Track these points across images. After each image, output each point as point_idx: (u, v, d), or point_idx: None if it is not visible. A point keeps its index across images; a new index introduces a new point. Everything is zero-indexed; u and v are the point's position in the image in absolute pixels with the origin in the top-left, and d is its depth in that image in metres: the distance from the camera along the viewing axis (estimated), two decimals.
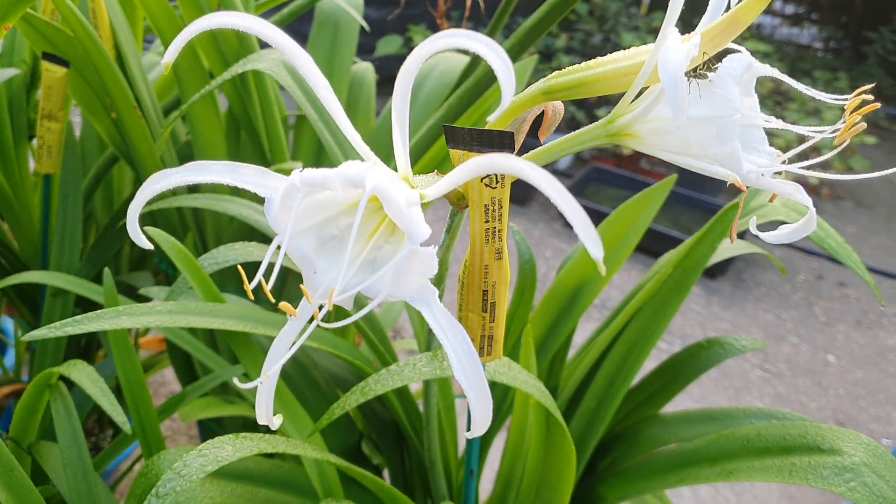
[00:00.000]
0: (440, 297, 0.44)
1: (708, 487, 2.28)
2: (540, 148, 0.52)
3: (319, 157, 1.38)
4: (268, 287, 0.37)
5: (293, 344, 0.42)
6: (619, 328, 0.92)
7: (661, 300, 0.90)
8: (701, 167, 0.45)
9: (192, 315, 0.70)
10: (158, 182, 0.41)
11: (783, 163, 0.45)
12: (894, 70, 6.77)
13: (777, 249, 3.86)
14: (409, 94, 0.40)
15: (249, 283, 0.37)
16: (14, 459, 0.80)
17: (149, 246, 0.45)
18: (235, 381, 0.46)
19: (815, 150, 3.75)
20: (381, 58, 4.81)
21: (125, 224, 1.28)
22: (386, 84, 1.51)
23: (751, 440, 0.82)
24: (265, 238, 1.21)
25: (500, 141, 0.49)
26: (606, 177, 4.11)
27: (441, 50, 0.36)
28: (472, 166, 0.37)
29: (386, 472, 1.03)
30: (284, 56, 0.91)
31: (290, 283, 1.32)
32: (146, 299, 1.59)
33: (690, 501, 2.24)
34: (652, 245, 2.70)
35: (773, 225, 0.63)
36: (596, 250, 0.33)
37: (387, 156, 1.37)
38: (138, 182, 1.34)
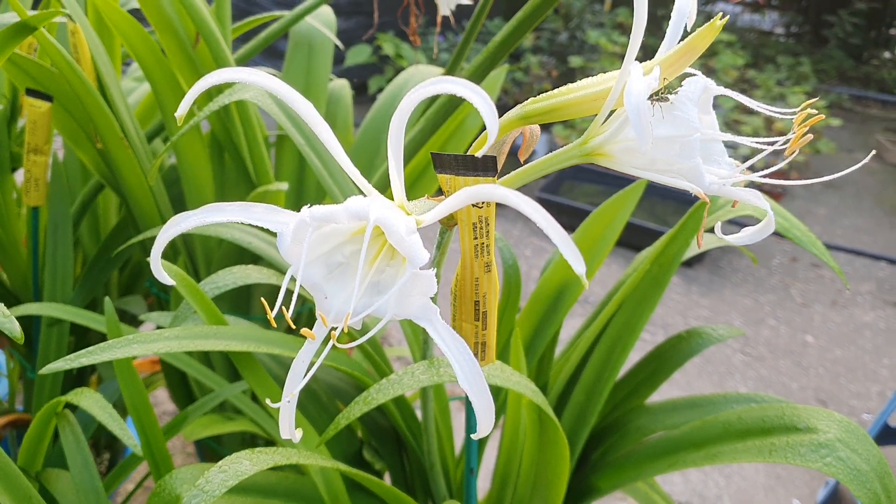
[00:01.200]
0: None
1: (698, 473, 2.34)
2: (521, 168, 0.56)
3: (302, 174, 1.42)
4: (288, 314, 0.41)
5: (311, 365, 0.46)
6: (603, 324, 0.97)
7: (641, 295, 0.94)
8: (667, 181, 0.49)
9: (199, 339, 0.74)
10: (179, 224, 0.45)
11: (742, 172, 0.50)
12: (855, 52, 6.89)
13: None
14: (403, 132, 0.44)
15: (271, 309, 0.41)
16: (33, 489, 0.83)
17: (171, 282, 0.48)
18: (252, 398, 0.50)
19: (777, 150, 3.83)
20: (351, 67, 4.84)
21: (115, 251, 1.30)
22: (357, 93, 1.55)
23: (732, 424, 0.87)
24: (255, 259, 1.25)
25: (483, 165, 0.53)
26: (581, 173, 4.17)
27: (431, 95, 0.41)
28: (464, 196, 0.42)
29: (387, 476, 1.07)
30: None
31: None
32: (138, 323, 1.62)
33: (682, 487, 2.30)
34: (629, 238, 2.76)
35: (734, 226, 0.67)
36: (579, 267, 0.37)
37: (368, 166, 1.41)
38: (123, 209, 1.37)
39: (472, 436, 0.46)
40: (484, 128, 0.48)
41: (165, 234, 0.45)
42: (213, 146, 1.31)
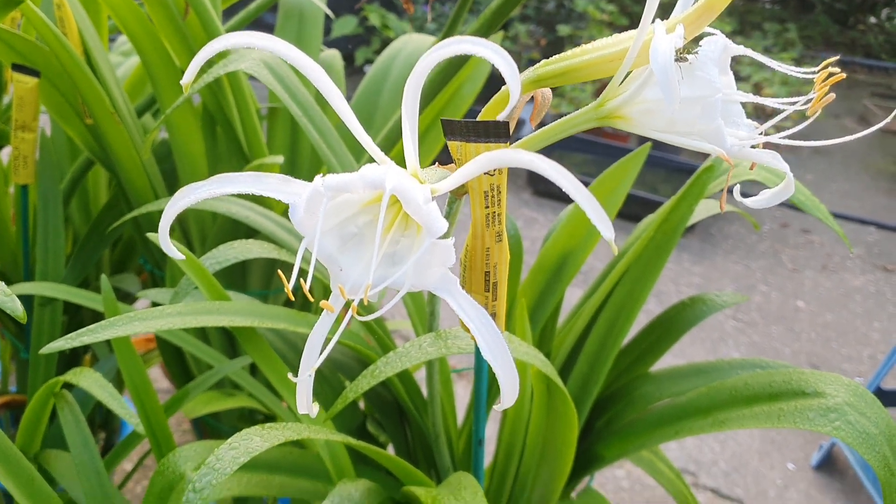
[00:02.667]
0: None
1: (693, 439, 2.35)
2: (533, 133, 0.55)
3: (295, 147, 1.40)
4: (306, 286, 0.40)
5: (323, 344, 0.45)
6: (606, 293, 0.96)
7: (644, 263, 0.94)
8: (687, 143, 0.48)
9: (201, 315, 0.73)
10: (188, 196, 0.44)
11: (760, 134, 0.49)
12: (840, 17, 6.87)
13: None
14: (418, 98, 0.43)
15: (287, 282, 0.40)
16: (34, 469, 0.82)
17: (181, 257, 0.47)
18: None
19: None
20: (338, 39, 4.79)
21: (108, 229, 1.28)
22: (345, 64, 1.53)
23: (739, 390, 0.86)
24: (250, 233, 1.23)
25: (496, 131, 0.52)
26: (571, 142, 4.15)
27: (448, 56, 0.39)
28: (483, 162, 0.40)
29: (390, 448, 1.06)
30: (265, 55, 0.93)
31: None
32: (133, 300, 1.61)
33: (677, 453, 2.31)
34: (625, 208, 2.75)
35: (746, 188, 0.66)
36: (607, 231, 0.36)
37: (365, 129, 1.39)
38: (114, 185, 1.35)
39: (496, 407, 0.45)
40: (484, 94, 0.46)
41: (174, 207, 0.44)
42: (206, 119, 1.29)
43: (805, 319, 3.07)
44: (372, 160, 0.46)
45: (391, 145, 1.09)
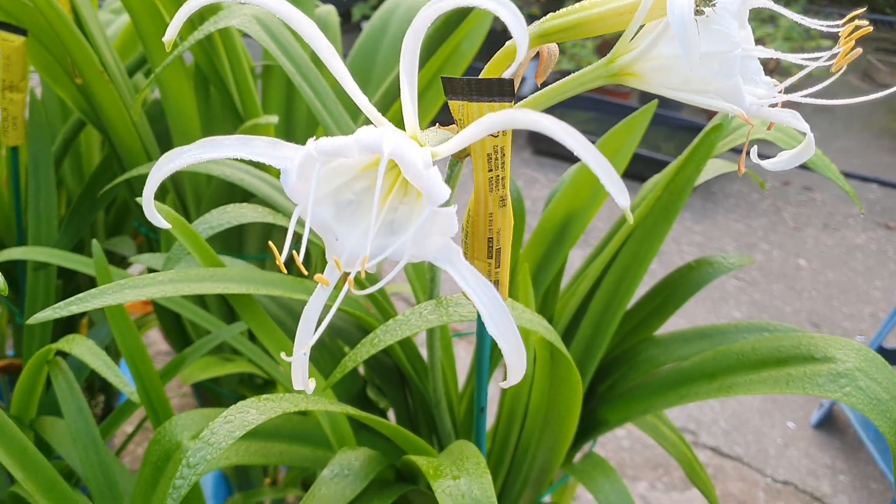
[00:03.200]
0: None
1: None
2: (539, 92, 0.52)
3: (290, 106, 1.36)
4: (299, 258, 0.37)
5: (321, 316, 0.43)
6: (611, 255, 0.94)
7: (650, 225, 0.91)
8: (703, 102, 0.45)
9: (194, 282, 0.70)
10: (173, 161, 0.41)
11: (780, 92, 0.46)
12: None
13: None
14: (417, 55, 0.40)
15: (280, 254, 0.38)
16: (26, 439, 0.80)
17: (166, 226, 0.45)
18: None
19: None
20: None
21: (100, 192, 1.26)
22: (340, 21, 1.49)
23: (746, 354, 0.85)
24: (246, 196, 1.21)
25: (500, 89, 0.49)
26: (571, 100, 4.10)
27: (449, 9, 0.36)
28: (487, 123, 0.38)
29: (391, 414, 1.05)
30: (257, 10, 0.89)
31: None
32: (127, 264, 1.59)
33: (678, 412, 2.31)
34: (629, 168, 2.71)
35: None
36: (623, 199, 0.33)
37: (362, 88, 1.36)
38: (107, 146, 1.32)
39: (501, 384, 0.43)
40: (485, 51, 0.43)
41: (159, 173, 0.41)
42: (198, 79, 1.25)
43: (806, 278, 3.05)
44: (369, 122, 0.44)
45: (389, 104, 1.06)
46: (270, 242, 0.37)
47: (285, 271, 0.37)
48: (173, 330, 1.37)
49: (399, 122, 0.44)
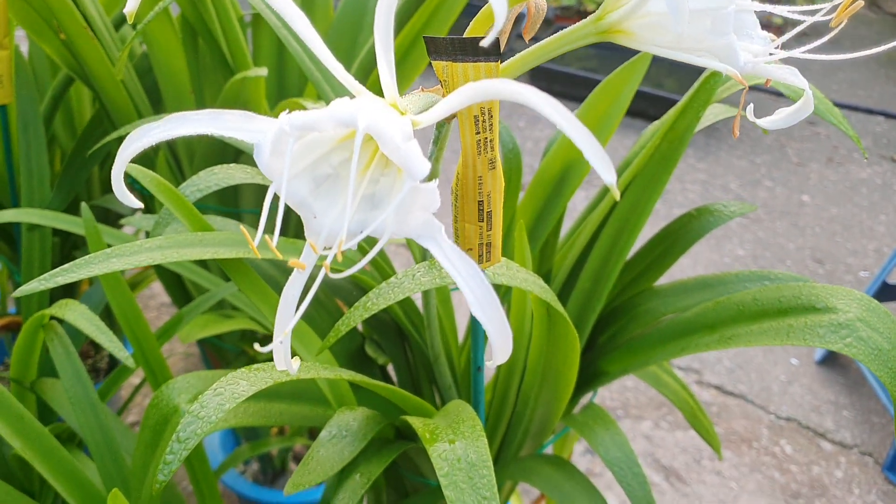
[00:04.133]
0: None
1: None
2: (527, 50, 0.50)
3: (282, 56, 1.33)
4: (273, 241, 0.36)
5: (302, 296, 0.42)
6: (610, 206, 0.92)
7: (650, 174, 0.89)
8: (696, 61, 0.43)
9: (183, 248, 0.69)
10: (140, 139, 0.39)
11: (777, 48, 0.44)
12: None
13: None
14: (392, 15, 0.38)
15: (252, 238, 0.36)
16: (22, 407, 0.80)
17: (137, 205, 0.43)
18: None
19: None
20: None
21: (92, 149, 1.23)
22: None
23: (747, 305, 0.83)
24: (238, 154, 1.19)
25: (485, 48, 0.47)
26: None
27: None
28: (469, 93, 0.36)
29: (391, 368, 1.05)
30: None
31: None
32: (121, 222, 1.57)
33: (684, 360, 2.31)
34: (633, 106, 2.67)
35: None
36: (609, 175, 0.32)
37: (350, 48, 1.33)
38: (98, 101, 1.29)
39: (488, 363, 0.42)
40: (471, 8, 0.41)
41: (125, 152, 0.40)
42: (186, 31, 1.22)
43: (810, 214, 3.03)
44: (363, 75, 0.42)
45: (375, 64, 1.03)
46: (242, 227, 0.35)
47: (258, 255, 0.36)
48: (173, 285, 1.36)
49: (405, 66, 0.42)
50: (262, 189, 1.28)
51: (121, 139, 1.15)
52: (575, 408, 1.01)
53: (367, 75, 1.11)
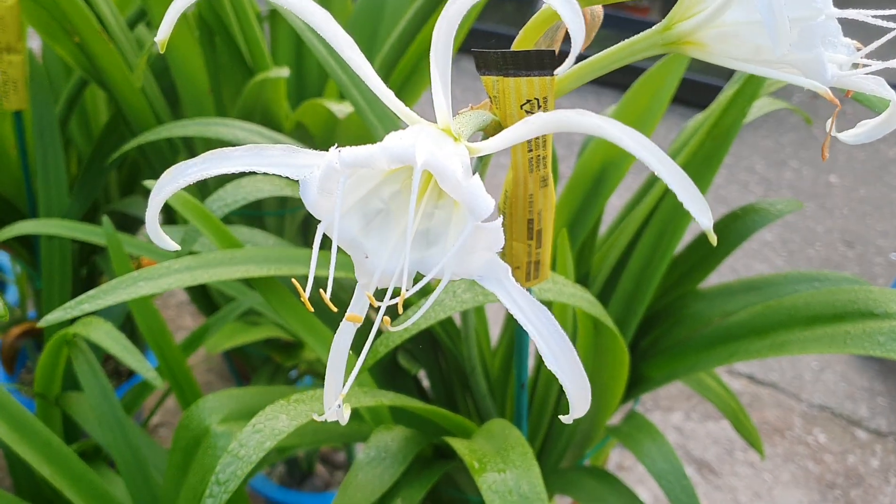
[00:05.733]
0: None
1: None
2: (584, 62, 0.46)
3: (301, 54, 1.30)
4: (327, 295, 0.33)
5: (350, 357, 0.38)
6: (651, 206, 0.88)
7: (692, 173, 0.84)
8: (775, 75, 0.39)
9: (212, 268, 0.66)
10: (176, 180, 0.36)
11: (865, 56, 0.40)
12: None
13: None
14: (451, 44, 0.34)
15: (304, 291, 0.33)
16: (50, 432, 0.77)
17: (174, 247, 0.40)
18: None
19: None
20: None
21: (109, 160, 1.20)
22: None
23: (798, 309, 0.80)
24: None
25: (538, 62, 0.43)
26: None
27: None
28: (537, 124, 0.32)
29: (423, 376, 1.02)
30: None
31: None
32: (141, 223, 1.54)
33: None
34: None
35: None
36: (705, 219, 0.28)
37: (369, 45, 1.28)
38: (114, 104, 1.26)
39: (563, 418, 0.38)
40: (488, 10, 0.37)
41: (160, 195, 0.36)
42: (203, 29, 1.18)
43: (838, 195, 2.97)
44: (384, 74, 0.38)
45: (397, 57, 1.00)
46: (295, 280, 0.32)
47: (311, 308, 0.32)
48: (198, 295, 1.34)
49: (404, 82, 0.39)
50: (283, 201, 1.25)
51: (139, 146, 1.12)
52: (614, 415, 0.98)
53: (390, 72, 1.08)
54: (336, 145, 0.34)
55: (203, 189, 1.20)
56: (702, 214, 0.28)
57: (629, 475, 1.86)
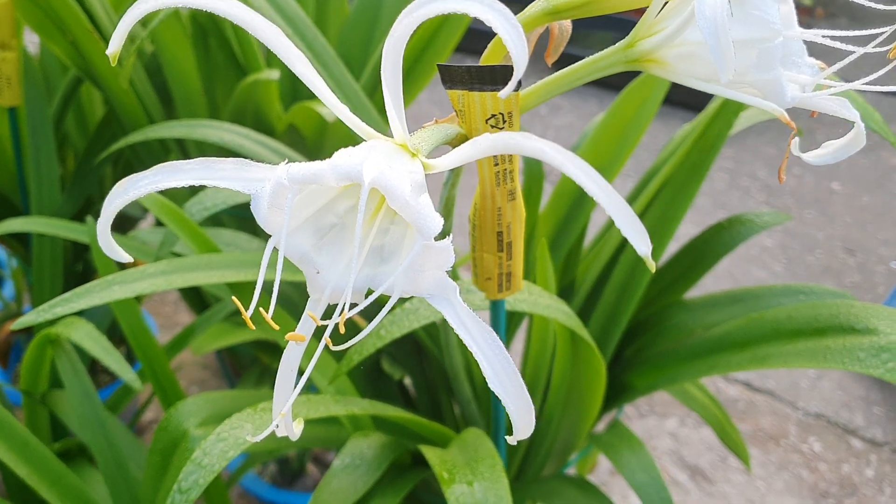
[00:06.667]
0: (445, 234, 0.39)
1: None
2: (548, 78, 0.46)
3: None
4: (269, 313, 0.32)
5: (297, 371, 0.38)
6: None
7: (678, 184, 0.85)
8: (736, 97, 0.39)
9: (188, 272, 0.66)
10: (126, 192, 0.36)
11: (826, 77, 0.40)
12: None
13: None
14: (399, 63, 0.34)
15: (245, 308, 0.33)
16: (28, 431, 0.77)
17: (128, 259, 0.39)
18: None
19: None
20: None
21: (100, 156, 1.20)
22: None
23: (781, 323, 0.79)
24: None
25: (502, 77, 0.43)
26: (590, 18, 3.93)
27: (429, 17, 0.30)
28: (486, 145, 0.32)
29: (408, 380, 1.02)
30: None
31: None
32: (136, 220, 1.54)
33: None
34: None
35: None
36: (643, 246, 0.28)
37: (364, 48, 1.28)
38: (109, 103, 1.26)
39: (508, 439, 0.38)
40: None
41: (111, 207, 0.36)
42: (196, 30, 1.18)
43: (840, 202, 2.95)
44: (375, 80, 0.38)
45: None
46: (235, 298, 0.32)
47: (252, 327, 0.32)
48: (188, 290, 1.34)
49: (402, 76, 0.38)
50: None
51: (131, 145, 1.12)
52: (599, 423, 0.97)
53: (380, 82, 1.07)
54: (324, 151, 0.34)
55: (195, 190, 1.21)
56: (640, 242, 0.28)
57: (621, 482, 1.86)
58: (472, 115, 0.45)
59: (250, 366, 1.31)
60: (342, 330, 0.34)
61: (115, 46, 0.35)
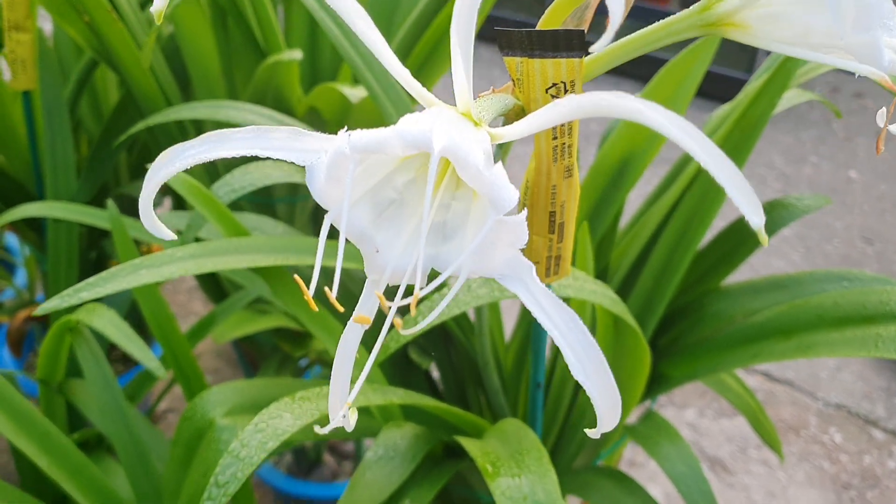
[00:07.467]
0: None
1: None
2: (614, 43, 0.43)
3: (314, 34, 1.26)
4: (333, 293, 0.30)
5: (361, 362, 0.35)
6: (674, 200, 0.85)
7: None
8: (824, 60, 0.36)
9: (217, 256, 0.63)
10: (173, 163, 0.33)
11: None
12: None
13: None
14: (474, 18, 0.31)
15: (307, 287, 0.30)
16: (49, 422, 0.75)
17: (171, 236, 0.37)
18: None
19: None
20: None
21: (118, 139, 1.18)
22: None
23: (827, 310, 0.76)
24: None
25: (567, 42, 0.40)
26: (604, 8, 3.89)
27: None
28: (569, 108, 0.29)
29: (434, 369, 0.99)
30: None
31: None
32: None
33: None
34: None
35: None
36: (756, 217, 0.25)
37: (387, 24, 1.25)
38: (124, 86, 1.23)
39: (590, 433, 0.35)
40: None
41: (155, 179, 0.33)
42: (215, 10, 1.15)
43: (858, 191, 2.92)
44: (400, 57, 0.35)
45: (413, 41, 0.96)
46: (296, 276, 0.29)
47: (315, 308, 0.30)
48: (207, 280, 1.31)
49: (422, 64, 0.36)
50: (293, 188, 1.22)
51: (149, 128, 1.09)
52: (630, 415, 0.95)
53: (406, 57, 1.04)
54: (346, 128, 0.31)
55: (212, 173, 1.18)
56: (753, 212, 0.25)
57: (641, 471, 1.83)
58: (531, 84, 0.42)
59: (270, 354, 1.29)
60: (413, 312, 0.31)
61: (159, 4, 0.33)
